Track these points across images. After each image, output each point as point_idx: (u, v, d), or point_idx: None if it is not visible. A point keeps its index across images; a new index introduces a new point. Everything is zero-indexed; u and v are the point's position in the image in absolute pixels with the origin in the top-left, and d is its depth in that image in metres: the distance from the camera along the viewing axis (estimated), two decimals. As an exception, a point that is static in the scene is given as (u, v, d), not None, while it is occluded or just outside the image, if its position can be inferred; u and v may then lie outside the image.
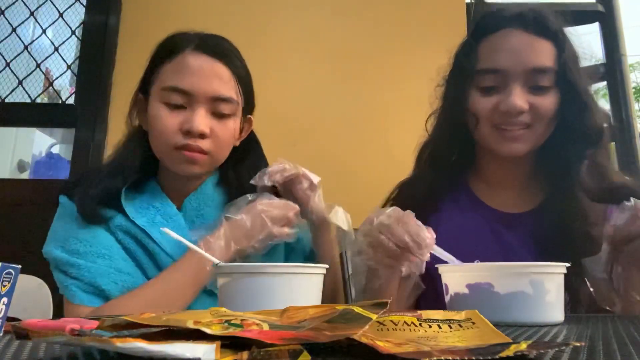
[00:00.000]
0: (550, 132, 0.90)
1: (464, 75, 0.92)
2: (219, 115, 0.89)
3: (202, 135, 0.87)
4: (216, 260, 0.64)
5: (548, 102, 0.86)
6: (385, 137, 1.76)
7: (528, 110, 0.86)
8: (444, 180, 0.96)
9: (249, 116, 0.99)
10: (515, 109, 0.85)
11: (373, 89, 1.81)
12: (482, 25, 0.93)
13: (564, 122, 0.89)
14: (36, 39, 2.05)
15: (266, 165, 0.98)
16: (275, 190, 0.92)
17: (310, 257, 0.97)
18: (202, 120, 0.86)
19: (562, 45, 0.87)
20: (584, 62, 0.92)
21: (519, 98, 0.85)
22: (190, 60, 0.88)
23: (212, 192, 0.96)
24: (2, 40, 2.01)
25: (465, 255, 0.91)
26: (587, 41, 0.92)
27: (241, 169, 0.99)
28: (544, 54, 0.87)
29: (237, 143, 0.98)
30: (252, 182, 0.90)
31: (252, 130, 1.02)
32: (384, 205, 1.02)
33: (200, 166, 0.89)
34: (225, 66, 0.90)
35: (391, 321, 0.41)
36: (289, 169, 0.90)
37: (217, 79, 0.88)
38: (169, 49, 0.91)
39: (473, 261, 0.89)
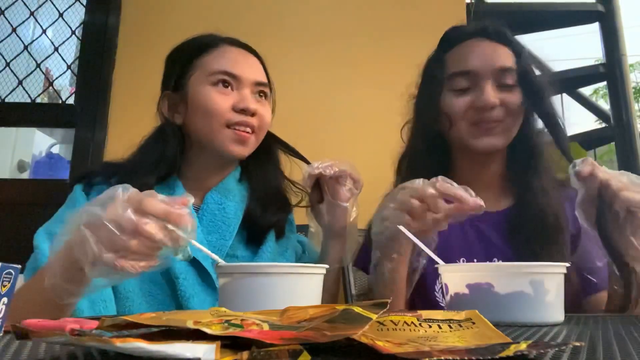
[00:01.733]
0: (518, 126, 0.97)
1: (435, 82, 0.99)
2: (259, 98, 0.97)
3: (253, 114, 0.93)
4: (219, 260, 0.64)
5: (515, 98, 0.95)
6: (386, 137, 1.76)
7: (499, 105, 0.93)
8: None
9: None
10: (489, 103, 0.92)
11: (373, 88, 1.81)
12: (448, 38, 1.03)
13: (526, 120, 0.97)
14: (36, 39, 2.05)
15: (297, 154, 1.04)
16: (318, 185, 0.97)
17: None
18: (253, 100, 0.94)
19: (520, 52, 0.98)
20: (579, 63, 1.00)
21: (491, 94, 0.93)
22: (231, 50, 0.98)
23: (234, 187, 0.98)
24: (2, 40, 2.01)
25: (452, 256, 0.94)
26: (587, 41, 0.96)
27: (265, 164, 1.02)
28: (505, 56, 0.96)
29: None
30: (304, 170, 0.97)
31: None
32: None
33: (248, 147, 0.95)
34: (257, 58, 1.00)
35: (391, 321, 0.41)
36: (340, 165, 0.96)
37: (256, 66, 0.99)
38: (204, 45, 0.98)
39: (459, 261, 0.93)
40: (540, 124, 0.99)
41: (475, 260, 0.93)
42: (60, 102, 1.99)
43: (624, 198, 0.73)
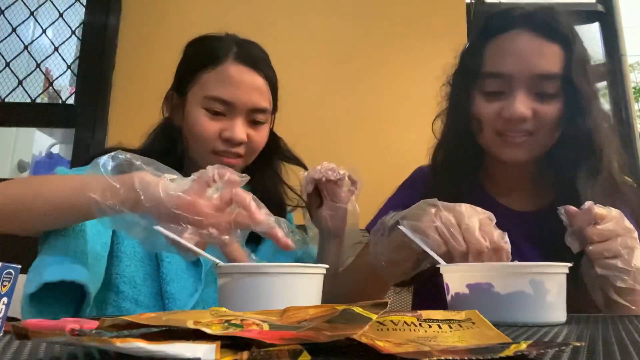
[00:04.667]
0: (554, 139, 0.88)
1: (469, 77, 0.90)
2: (254, 123, 0.95)
3: (239, 143, 0.93)
4: (217, 260, 0.64)
5: (552, 109, 0.85)
6: (385, 137, 1.76)
7: (531, 117, 0.85)
8: (461, 181, 0.94)
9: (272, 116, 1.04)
10: (518, 116, 0.84)
11: (373, 89, 1.81)
12: (491, 25, 0.91)
13: (569, 128, 0.87)
14: (36, 39, 2.05)
15: (295, 158, 1.05)
16: (318, 192, 0.96)
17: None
18: (241, 129, 0.93)
19: (571, 48, 0.85)
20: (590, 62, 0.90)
21: (523, 105, 0.84)
22: (232, 72, 0.93)
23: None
24: (2, 40, 2.01)
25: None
26: (587, 41, 0.91)
27: (265, 167, 1.03)
28: (551, 59, 0.84)
29: None
30: (302, 174, 0.96)
31: (271, 129, 1.05)
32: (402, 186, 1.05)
33: (234, 170, 0.94)
34: (262, 77, 0.96)
35: (391, 321, 0.40)
36: (338, 168, 0.95)
37: (256, 91, 0.95)
38: (210, 57, 0.95)
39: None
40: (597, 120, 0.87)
41: None
42: (60, 102, 1.99)
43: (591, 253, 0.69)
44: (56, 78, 2.13)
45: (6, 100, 1.94)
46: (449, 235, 0.67)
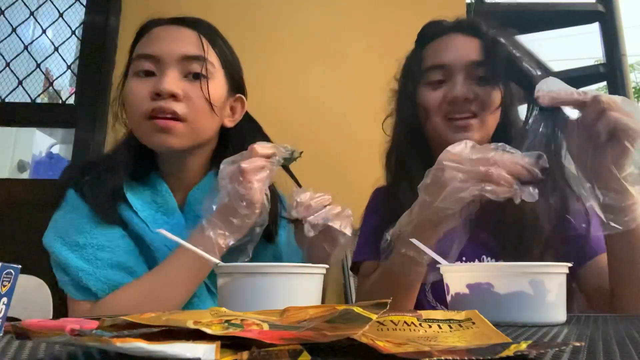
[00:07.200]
0: (496, 122, 0.97)
1: (413, 76, 1.01)
2: (191, 77, 0.85)
3: (173, 97, 0.82)
4: (216, 260, 0.64)
5: (488, 90, 0.95)
6: (385, 136, 1.76)
7: (473, 98, 0.94)
8: (417, 181, 0.96)
9: (239, 95, 0.96)
10: (461, 95, 0.93)
11: (371, 88, 1.81)
12: (426, 33, 1.06)
13: (504, 110, 0.97)
14: (36, 39, 2.05)
15: (288, 171, 0.96)
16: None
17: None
18: (171, 80, 0.82)
19: (490, 43, 0.97)
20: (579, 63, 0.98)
21: (463, 87, 0.94)
22: (158, 31, 0.89)
23: (217, 184, 0.96)
24: (2, 40, 2.01)
25: (446, 253, 0.93)
26: (587, 41, 0.94)
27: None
28: (478, 50, 0.96)
29: (231, 124, 0.96)
30: (293, 191, 0.81)
31: (247, 112, 1.00)
32: (367, 213, 1.07)
33: (176, 136, 0.83)
34: (194, 31, 0.89)
35: (391, 321, 0.40)
36: (330, 212, 0.79)
37: (184, 41, 0.87)
38: (137, 34, 0.92)
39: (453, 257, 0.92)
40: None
41: (464, 258, 0.92)
42: (60, 102, 1.99)
43: (611, 118, 0.69)
44: (56, 78, 2.13)
45: (6, 100, 1.94)
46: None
